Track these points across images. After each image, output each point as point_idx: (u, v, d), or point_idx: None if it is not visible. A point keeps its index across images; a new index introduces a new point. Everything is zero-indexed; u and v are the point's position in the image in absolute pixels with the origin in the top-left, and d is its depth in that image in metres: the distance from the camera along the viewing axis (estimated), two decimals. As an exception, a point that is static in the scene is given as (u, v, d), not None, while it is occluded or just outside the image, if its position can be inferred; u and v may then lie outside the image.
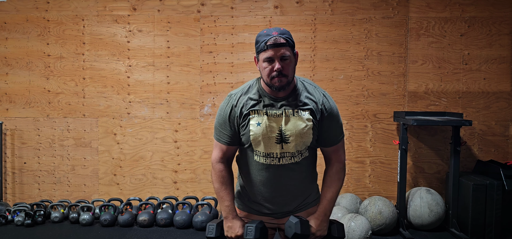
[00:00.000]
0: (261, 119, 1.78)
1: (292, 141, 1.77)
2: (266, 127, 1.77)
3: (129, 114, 4.48)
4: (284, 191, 1.86)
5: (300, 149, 1.80)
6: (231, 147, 1.87)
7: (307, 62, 4.38)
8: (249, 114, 1.79)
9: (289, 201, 1.89)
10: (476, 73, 4.37)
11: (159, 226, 4.12)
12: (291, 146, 1.78)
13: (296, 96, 1.80)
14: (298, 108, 1.79)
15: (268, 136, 1.77)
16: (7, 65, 4.50)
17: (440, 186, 4.36)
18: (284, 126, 1.77)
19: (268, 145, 1.78)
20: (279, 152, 1.79)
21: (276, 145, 1.78)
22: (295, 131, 1.76)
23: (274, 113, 1.78)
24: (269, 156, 1.80)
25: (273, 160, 1.80)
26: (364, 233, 3.55)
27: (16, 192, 4.56)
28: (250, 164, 1.86)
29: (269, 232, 1.97)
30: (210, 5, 4.42)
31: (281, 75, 1.72)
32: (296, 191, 1.88)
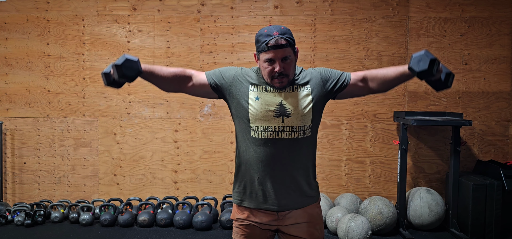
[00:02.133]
0: (260, 94, 1.80)
1: (294, 114, 1.78)
2: (264, 101, 1.79)
3: (129, 114, 4.48)
4: (282, 171, 1.82)
5: (301, 123, 1.79)
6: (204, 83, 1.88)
7: (307, 62, 4.38)
8: (248, 88, 1.82)
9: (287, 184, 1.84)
10: (476, 73, 4.37)
11: (159, 226, 4.12)
12: (293, 119, 1.78)
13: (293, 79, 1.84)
14: (296, 83, 1.83)
15: (267, 109, 1.78)
16: (7, 65, 4.50)
17: (440, 186, 4.37)
18: (284, 100, 1.79)
19: (266, 119, 1.78)
20: (278, 125, 1.78)
21: (274, 119, 1.78)
22: (295, 104, 1.79)
23: (273, 89, 1.81)
24: (267, 130, 1.78)
25: (272, 133, 1.78)
26: (364, 233, 3.55)
27: (16, 192, 4.56)
28: (248, 140, 1.84)
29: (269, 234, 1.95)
30: (210, 5, 4.42)
31: (282, 76, 1.74)
32: (295, 173, 1.84)
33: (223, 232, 3.98)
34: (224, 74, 1.89)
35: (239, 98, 1.83)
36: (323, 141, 4.36)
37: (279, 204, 1.87)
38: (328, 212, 3.97)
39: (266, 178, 1.83)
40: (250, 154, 1.83)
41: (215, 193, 4.47)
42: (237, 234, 1.93)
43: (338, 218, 3.81)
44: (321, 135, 4.32)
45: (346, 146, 4.39)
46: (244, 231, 1.91)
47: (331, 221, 3.87)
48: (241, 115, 1.83)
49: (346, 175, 4.39)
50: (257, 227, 1.90)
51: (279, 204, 1.87)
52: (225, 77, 1.88)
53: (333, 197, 4.36)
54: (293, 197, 1.87)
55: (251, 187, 1.87)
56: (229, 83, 1.87)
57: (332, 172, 4.38)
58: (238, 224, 1.93)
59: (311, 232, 1.89)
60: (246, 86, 1.83)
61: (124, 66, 1.76)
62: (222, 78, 1.88)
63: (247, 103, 1.80)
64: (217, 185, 4.48)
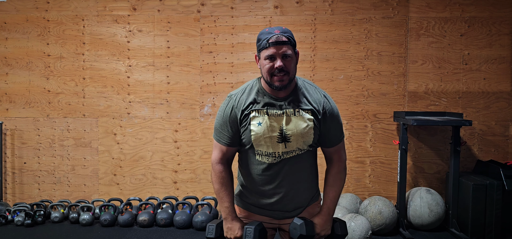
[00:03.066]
0: (262, 119, 1.77)
1: (294, 140, 1.77)
2: (267, 127, 1.76)
3: (129, 114, 4.48)
4: (285, 188, 1.86)
5: (301, 147, 1.80)
6: (231, 148, 1.86)
7: (307, 62, 4.38)
8: (249, 114, 1.79)
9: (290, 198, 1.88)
10: (476, 73, 4.37)
11: (159, 226, 4.12)
12: (293, 144, 1.78)
13: (297, 96, 1.80)
14: (299, 108, 1.79)
15: (270, 135, 1.77)
16: (7, 65, 4.50)
17: (440, 186, 4.36)
18: (285, 125, 1.77)
19: (270, 144, 1.78)
20: (282, 151, 1.79)
21: (277, 144, 1.78)
22: (297, 131, 1.76)
23: (274, 113, 1.77)
24: (271, 155, 1.80)
25: (275, 158, 1.80)
26: (364, 233, 3.55)
27: (16, 192, 4.56)
28: (251, 164, 1.85)
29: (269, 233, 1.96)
30: (210, 5, 4.42)
31: (282, 73, 1.73)
32: (298, 188, 1.88)
33: (223, 232, 3.98)
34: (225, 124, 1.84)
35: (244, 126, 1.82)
36: (323, 141, 4.36)
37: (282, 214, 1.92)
38: (328, 212, 3.96)
39: (270, 192, 1.87)
40: (255, 175, 1.86)
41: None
42: None
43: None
44: (321, 135, 4.32)
45: (346, 146, 4.38)
46: None
47: (331, 221, 3.87)
48: (246, 139, 1.83)
49: (346, 175, 4.38)
50: None
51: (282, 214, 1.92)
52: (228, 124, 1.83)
53: (333, 197, 4.35)
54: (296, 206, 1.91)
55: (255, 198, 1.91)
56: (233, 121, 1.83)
57: (332, 172, 4.38)
58: None
59: None
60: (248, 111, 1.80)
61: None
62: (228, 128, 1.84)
63: (250, 130, 1.79)
64: (217, 185, 4.47)
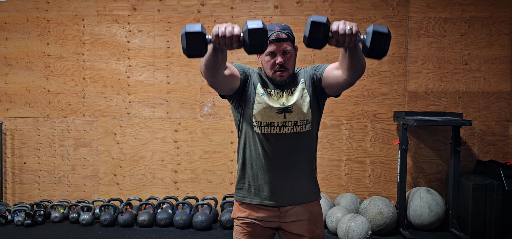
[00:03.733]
0: (265, 90, 1.87)
1: (294, 110, 1.85)
2: (268, 100, 1.85)
3: (129, 114, 4.48)
4: (284, 164, 1.88)
5: (302, 118, 1.86)
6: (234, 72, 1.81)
7: (307, 62, 4.38)
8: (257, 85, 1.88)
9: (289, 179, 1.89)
10: (476, 73, 4.37)
11: (159, 226, 4.12)
12: (294, 114, 1.85)
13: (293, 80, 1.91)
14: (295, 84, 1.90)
15: (270, 106, 1.84)
16: (7, 65, 4.50)
17: (440, 186, 4.36)
18: (286, 98, 1.86)
19: (270, 115, 1.84)
20: (281, 121, 1.85)
21: (277, 115, 1.85)
22: (296, 101, 1.85)
23: (276, 92, 1.88)
24: (270, 126, 1.85)
25: (274, 128, 1.85)
26: (364, 233, 3.55)
27: (16, 192, 4.56)
28: (250, 139, 1.89)
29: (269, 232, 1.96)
30: (210, 5, 4.42)
31: (282, 68, 1.82)
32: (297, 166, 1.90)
33: (223, 232, 3.98)
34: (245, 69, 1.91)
35: (250, 93, 1.88)
36: (323, 141, 4.36)
37: (281, 199, 1.91)
38: (328, 212, 3.97)
39: (269, 172, 1.88)
40: (254, 150, 1.89)
41: (215, 193, 4.47)
42: (238, 232, 1.95)
43: (338, 218, 3.81)
44: (321, 135, 4.32)
45: (346, 146, 4.39)
46: (245, 229, 1.93)
47: (331, 221, 3.87)
48: (246, 111, 1.89)
49: (346, 175, 4.39)
50: (258, 225, 1.92)
51: (281, 198, 1.91)
52: (246, 73, 1.90)
53: (333, 197, 4.35)
54: (295, 192, 1.91)
55: (254, 183, 1.91)
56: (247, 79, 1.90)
57: (332, 172, 4.38)
58: (239, 223, 1.95)
59: (312, 229, 1.92)
60: (255, 82, 1.90)
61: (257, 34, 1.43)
62: (244, 73, 1.89)
63: (254, 99, 1.87)
64: (217, 185, 4.47)
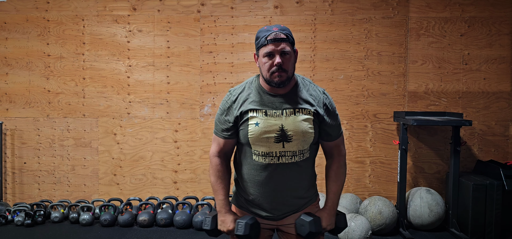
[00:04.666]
0: (260, 119, 1.77)
1: (295, 139, 1.77)
2: (265, 126, 1.76)
3: (129, 114, 4.48)
4: (283, 192, 1.85)
5: (301, 148, 1.79)
6: (228, 141, 1.88)
7: (307, 62, 4.38)
8: (247, 113, 1.79)
9: (287, 202, 1.87)
10: (476, 73, 4.37)
11: (159, 226, 4.12)
12: (293, 144, 1.77)
13: (296, 93, 1.81)
14: (298, 106, 1.79)
15: (267, 136, 1.76)
16: (7, 65, 4.50)
17: (440, 186, 4.36)
18: (285, 123, 1.77)
19: (267, 144, 1.77)
20: (279, 151, 1.78)
21: (275, 144, 1.77)
22: (296, 129, 1.76)
23: (273, 113, 1.78)
24: (268, 156, 1.79)
25: (272, 158, 1.79)
26: (364, 233, 3.55)
27: (16, 192, 4.56)
28: (248, 164, 1.85)
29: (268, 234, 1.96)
30: (210, 5, 4.42)
31: (281, 70, 1.73)
32: (295, 192, 1.87)
33: (223, 232, 3.98)
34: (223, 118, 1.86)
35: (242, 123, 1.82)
36: (323, 141, 4.36)
37: (278, 215, 1.91)
38: (328, 212, 3.96)
39: (265, 197, 1.86)
40: (252, 175, 1.85)
41: (215, 193, 4.47)
42: None
43: (338, 218, 3.81)
44: (321, 135, 4.32)
45: (346, 146, 4.39)
46: None
47: (331, 221, 3.87)
48: (243, 139, 1.83)
49: (346, 175, 4.38)
50: None
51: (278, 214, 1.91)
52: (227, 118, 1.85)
53: (333, 197, 4.35)
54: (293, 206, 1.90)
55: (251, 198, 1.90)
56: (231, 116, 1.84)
57: (332, 172, 4.37)
58: None
59: None
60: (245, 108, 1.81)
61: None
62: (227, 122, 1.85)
63: (247, 127, 1.79)
64: (217, 185, 4.47)
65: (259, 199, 1.87)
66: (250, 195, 1.89)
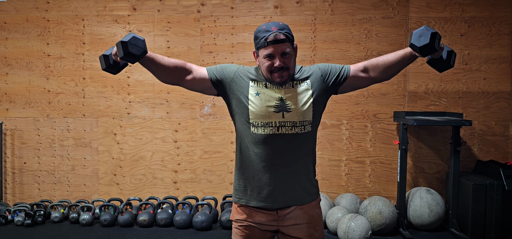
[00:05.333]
0: (260, 89, 1.80)
1: (294, 109, 1.78)
2: (265, 97, 1.78)
3: (129, 114, 4.48)
4: (282, 166, 1.81)
5: (302, 119, 1.78)
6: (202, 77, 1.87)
7: (307, 62, 4.38)
8: (249, 83, 1.81)
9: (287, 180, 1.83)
10: (476, 73, 4.37)
11: (159, 226, 4.12)
12: (293, 114, 1.78)
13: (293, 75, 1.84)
14: (297, 80, 1.83)
15: (267, 105, 1.77)
16: (7, 65, 4.50)
17: (440, 186, 4.37)
18: (284, 95, 1.79)
19: (266, 114, 1.77)
20: (279, 121, 1.77)
21: (275, 114, 1.77)
22: (296, 99, 1.78)
23: (273, 86, 1.81)
24: (268, 126, 1.77)
25: (272, 128, 1.77)
26: (364, 233, 3.55)
27: (16, 192, 4.56)
28: (248, 141, 1.82)
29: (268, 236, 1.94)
30: (210, 5, 4.42)
31: (282, 70, 1.74)
32: (295, 168, 1.83)
33: (223, 232, 3.98)
34: (225, 70, 1.88)
35: (239, 95, 1.83)
36: (323, 141, 4.36)
37: (279, 201, 1.85)
38: (328, 212, 3.97)
39: (267, 174, 1.82)
40: (251, 151, 1.82)
41: (215, 193, 4.47)
42: (237, 235, 1.92)
43: (338, 218, 3.81)
44: (321, 135, 4.32)
45: (346, 146, 4.39)
46: (244, 232, 1.90)
47: (331, 221, 3.87)
48: (241, 111, 1.82)
49: (346, 175, 4.39)
50: (256, 228, 1.89)
51: (279, 200, 1.85)
52: (225, 73, 1.87)
53: (333, 197, 4.35)
54: (293, 193, 1.85)
55: (252, 184, 1.86)
56: (229, 79, 1.86)
57: (332, 172, 4.38)
58: (237, 225, 1.92)
59: (311, 233, 1.88)
60: (246, 82, 1.83)
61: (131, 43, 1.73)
62: (223, 73, 1.87)
63: (247, 99, 1.80)
64: (217, 185, 4.48)
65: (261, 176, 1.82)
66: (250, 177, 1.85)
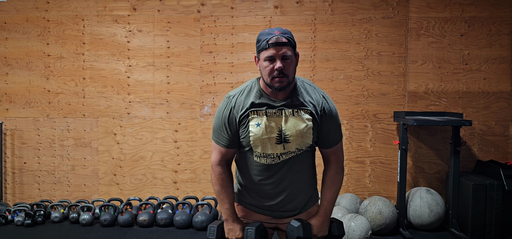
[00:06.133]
0: (260, 120, 1.77)
1: (293, 140, 1.77)
2: (266, 127, 1.76)
3: (129, 114, 4.48)
4: (285, 189, 1.86)
5: (300, 147, 1.80)
6: (230, 149, 1.86)
7: (307, 62, 4.38)
8: (248, 116, 1.78)
9: (289, 199, 1.88)
10: (476, 73, 4.37)
11: (159, 226, 4.12)
12: (292, 145, 1.78)
13: (296, 96, 1.80)
14: (297, 109, 1.79)
15: (268, 136, 1.77)
16: (7, 65, 4.50)
17: (440, 186, 4.36)
18: (284, 126, 1.77)
19: (268, 146, 1.78)
20: (280, 152, 1.79)
21: (276, 145, 1.78)
22: (295, 131, 1.76)
23: (273, 114, 1.78)
24: (270, 156, 1.80)
25: (274, 159, 1.80)
26: (364, 233, 3.55)
27: (16, 192, 4.56)
28: (250, 165, 1.86)
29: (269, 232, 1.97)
30: (210, 5, 4.42)
31: (282, 75, 1.72)
32: (297, 189, 1.88)
33: (223, 232, 3.98)
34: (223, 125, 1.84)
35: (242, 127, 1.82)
36: (323, 141, 4.35)
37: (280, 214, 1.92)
38: (328, 212, 3.96)
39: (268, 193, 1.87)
40: (253, 173, 1.86)
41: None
42: None
43: (338, 218, 3.81)
44: (321, 135, 4.32)
45: (346, 146, 4.39)
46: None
47: (331, 221, 3.87)
48: (244, 140, 1.83)
49: (346, 175, 4.39)
50: None
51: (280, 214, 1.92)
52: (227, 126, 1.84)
53: (333, 197, 4.35)
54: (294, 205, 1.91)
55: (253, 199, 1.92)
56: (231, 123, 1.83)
57: (332, 172, 4.37)
58: None
59: None
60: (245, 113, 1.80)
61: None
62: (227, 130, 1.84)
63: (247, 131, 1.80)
64: (217, 185, 4.47)
65: (261, 198, 1.89)
66: (252, 194, 1.90)
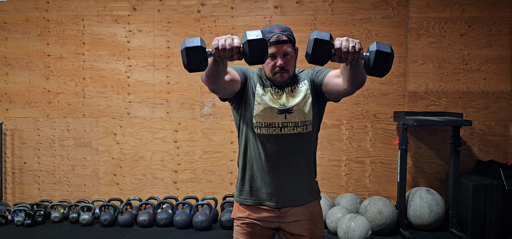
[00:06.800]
0: (265, 91, 1.87)
1: (296, 110, 1.84)
2: (269, 99, 1.85)
3: (129, 114, 4.48)
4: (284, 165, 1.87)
5: (303, 119, 1.85)
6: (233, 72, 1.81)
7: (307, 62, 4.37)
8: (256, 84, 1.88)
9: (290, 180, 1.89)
10: (476, 73, 4.37)
11: (159, 226, 4.12)
12: (295, 115, 1.84)
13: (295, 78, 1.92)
14: (295, 85, 1.90)
15: (271, 106, 1.84)
16: (7, 65, 4.50)
17: (440, 186, 4.36)
18: (286, 99, 1.86)
19: (270, 115, 1.84)
20: (282, 121, 1.84)
21: (278, 115, 1.84)
22: (297, 102, 1.85)
23: (276, 92, 1.88)
24: (271, 126, 1.85)
25: (275, 129, 1.85)
26: (364, 233, 3.55)
27: (16, 192, 4.56)
28: (251, 140, 1.89)
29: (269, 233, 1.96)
30: (210, 5, 4.42)
31: (283, 71, 1.82)
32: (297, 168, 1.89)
33: (223, 232, 3.98)
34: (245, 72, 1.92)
35: (250, 94, 1.88)
36: (323, 141, 4.36)
37: (281, 200, 1.90)
38: (328, 212, 3.97)
39: (270, 174, 1.88)
40: (254, 151, 1.89)
41: (215, 193, 4.47)
42: (238, 232, 1.95)
43: (338, 218, 3.81)
44: (321, 135, 4.32)
45: (346, 146, 4.39)
46: (245, 230, 1.93)
47: (331, 221, 3.87)
48: (248, 111, 1.88)
49: (346, 175, 4.39)
50: (258, 225, 1.92)
51: (281, 199, 1.90)
52: (246, 73, 1.91)
53: (333, 197, 4.35)
54: (295, 193, 1.91)
55: (254, 184, 1.92)
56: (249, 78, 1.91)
57: (332, 172, 4.38)
58: (239, 223, 1.96)
59: (312, 230, 1.92)
60: (255, 83, 1.90)
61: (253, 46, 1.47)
62: (244, 76, 1.90)
63: (254, 99, 1.87)
64: (217, 185, 4.48)
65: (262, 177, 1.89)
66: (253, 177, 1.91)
